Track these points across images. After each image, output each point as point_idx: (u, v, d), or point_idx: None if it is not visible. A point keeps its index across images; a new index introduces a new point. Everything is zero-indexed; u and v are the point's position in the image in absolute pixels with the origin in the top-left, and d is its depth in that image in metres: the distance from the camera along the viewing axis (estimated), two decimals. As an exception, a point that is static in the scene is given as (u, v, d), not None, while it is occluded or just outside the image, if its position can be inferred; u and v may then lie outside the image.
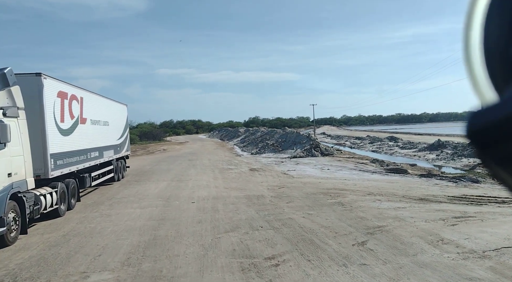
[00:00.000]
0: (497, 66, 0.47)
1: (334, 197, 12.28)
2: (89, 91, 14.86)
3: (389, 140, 53.25)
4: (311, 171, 20.56)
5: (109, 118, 17.60)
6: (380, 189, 13.69)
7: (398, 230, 8.17)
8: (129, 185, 17.52)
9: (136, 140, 75.85)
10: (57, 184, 10.81)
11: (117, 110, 19.56)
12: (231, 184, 16.78)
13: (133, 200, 13.35)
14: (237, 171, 22.16)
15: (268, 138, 42.77)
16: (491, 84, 0.48)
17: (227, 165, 26.35)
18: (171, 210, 11.32)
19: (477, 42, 0.50)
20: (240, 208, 11.31)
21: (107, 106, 17.61)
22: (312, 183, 15.84)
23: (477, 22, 0.50)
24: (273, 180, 17.67)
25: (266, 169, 22.87)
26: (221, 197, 13.21)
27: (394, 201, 11.41)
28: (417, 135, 69.75)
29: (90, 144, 14.17)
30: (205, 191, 14.84)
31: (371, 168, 20.75)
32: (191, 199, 13.13)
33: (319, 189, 13.96)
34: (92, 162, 14.40)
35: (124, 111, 21.35)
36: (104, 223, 10.00)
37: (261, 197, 13.04)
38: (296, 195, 12.97)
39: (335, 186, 14.54)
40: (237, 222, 9.51)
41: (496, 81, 0.47)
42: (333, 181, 16.32)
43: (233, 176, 19.90)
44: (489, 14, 0.48)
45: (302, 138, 35.68)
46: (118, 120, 19.64)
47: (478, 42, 0.50)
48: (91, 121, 14.56)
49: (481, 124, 0.41)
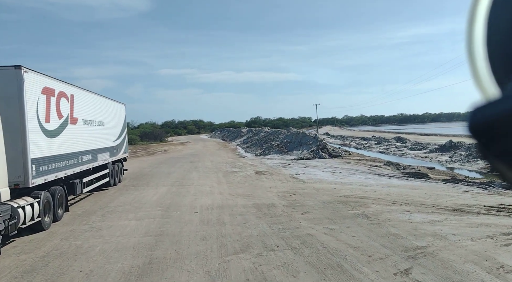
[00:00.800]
0: (499, 61, 0.47)
1: (355, 207, 10.86)
2: (81, 88, 13.49)
3: (396, 140, 51.79)
4: (322, 175, 19.14)
5: (105, 118, 16.23)
6: (404, 196, 12.27)
7: (444, 253, 6.76)
8: (125, 190, 16.14)
9: (137, 140, 74.57)
10: (40, 193, 9.43)
11: (113, 110, 18.18)
12: (236, 189, 15.38)
13: (128, 209, 11.96)
14: (242, 175, 20.78)
15: (272, 138, 41.36)
16: (493, 80, 0.48)
17: (231, 167, 24.96)
18: (170, 223, 9.92)
19: (480, 38, 0.49)
20: (249, 220, 9.91)
21: (103, 105, 16.23)
22: (326, 189, 14.43)
23: (480, 17, 0.49)
24: (282, 185, 16.26)
25: (273, 172, 21.47)
26: (227, 206, 11.81)
27: (426, 213, 9.99)
28: (424, 135, 68.27)
29: (81, 147, 12.80)
30: (208, 198, 13.45)
31: (387, 171, 19.33)
32: (194, 208, 11.74)
33: (336, 197, 12.55)
34: (84, 166, 13.02)
35: (121, 110, 19.98)
36: (92, 239, 8.61)
37: (271, 206, 11.64)
38: (311, 204, 11.57)
39: (353, 193, 13.13)
40: (247, 239, 8.11)
41: (499, 77, 0.47)
42: (349, 186, 14.90)
43: (238, 180, 18.51)
44: (492, 9, 0.48)
45: (308, 139, 34.26)
46: (115, 120, 18.26)
47: (481, 37, 0.49)
48: (83, 121, 13.18)
49: (483, 119, 0.41)
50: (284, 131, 44.07)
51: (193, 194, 14.42)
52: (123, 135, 19.53)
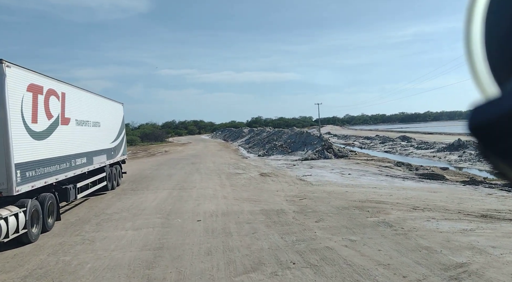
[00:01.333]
0: (498, 60, 0.47)
1: (374, 213, 9.90)
2: (74, 86, 12.54)
3: (401, 139, 50.80)
4: (330, 177, 18.18)
5: (101, 118, 15.28)
6: (424, 201, 11.31)
7: (491, 272, 5.80)
8: (124, 195, 15.19)
9: (137, 141, 73.64)
10: (26, 201, 8.49)
11: (111, 109, 17.24)
12: (242, 193, 14.43)
13: (126, 216, 11.01)
14: (246, 177, 19.83)
15: (275, 138, 40.40)
16: (493, 78, 0.48)
17: (234, 169, 24.01)
18: (171, 233, 8.97)
19: (478, 37, 0.49)
20: (258, 229, 8.96)
21: (99, 104, 15.29)
22: (337, 192, 13.46)
23: (478, 16, 0.49)
24: (289, 188, 15.31)
25: (278, 173, 20.51)
26: (233, 213, 10.86)
27: (453, 220, 9.03)
28: (428, 134, 67.30)
29: (75, 149, 11.85)
30: (212, 203, 12.50)
31: (399, 172, 18.36)
32: (196, 215, 10.79)
33: (350, 201, 11.59)
34: (78, 170, 12.07)
35: (119, 110, 19.03)
36: (83, 254, 7.66)
37: (281, 212, 10.68)
38: (324, 210, 10.60)
39: (368, 197, 12.17)
40: (258, 254, 7.16)
41: (498, 75, 0.47)
42: (362, 189, 13.94)
43: (242, 182, 17.56)
44: (490, 8, 0.48)
45: (313, 139, 33.30)
46: (112, 120, 17.32)
47: (479, 36, 0.49)
48: (76, 121, 12.24)
49: (483, 118, 0.41)
50: (287, 130, 43.11)
51: (195, 199, 13.47)
52: (121, 136, 18.59)
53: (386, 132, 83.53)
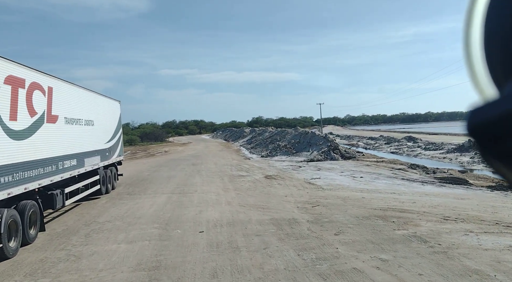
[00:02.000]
0: (497, 62, 0.47)
1: (401, 224, 8.70)
2: (64, 81, 11.36)
3: (407, 140, 49.59)
4: (341, 180, 16.99)
5: (95, 116, 14.10)
6: (454, 209, 10.11)
7: None
8: (119, 199, 14.01)
9: (137, 141, 72.51)
10: (1, 212, 7.31)
11: (106, 107, 16.06)
12: (247, 198, 13.25)
13: (119, 226, 9.82)
14: (250, 179, 18.65)
15: (279, 138, 39.21)
16: (491, 80, 0.48)
17: (236, 170, 22.83)
18: (170, 247, 7.80)
19: (477, 38, 0.49)
20: (270, 243, 7.78)
21: (92, 101, 14.11)
22: (353, 198, 12.28)
23: (478, 18, 0.49)
24: (299, 193, 14.12)
25: (284, 176, 19.33)
26: (239, 222, 9.67)
27: (494, 233, 7.85)
28: (432, 135, 66.11)
29: (63, 150, 10.68)
30: (215, 210, 11.32)
31: (415, 176, 17.16)
32: (198, 224, 9.61)
33: (369, 210, 10.40)
34: (67, 174, 10.89)
35: (116, 108, 17.85)
36: (66, 275, 6.48)
37: (293, 222, 9.50)
38: (342, 220, 9.42)
39: (389, 205, 10.97)
40: (273, 277, 5.98)
41: (497, 77, 0.47)
42: (380, 195, 12.75)
43: (247, 186, 16.38)
44: (490, 9, 0.48)
45: (318, 139, 32.12)
46: (108, 119, 16.14)
47: (478, 38, 0.49)
48: (65, 119, 11.06)
49: (481, 120, 0.41)
50: (291, 130, 41.93)
51: (196, 205, 12.30)
52: (117, 136, 17.41)
53: (389, 132, 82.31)
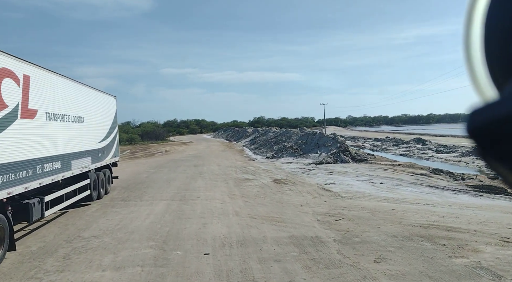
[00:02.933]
0: (497, 63, 0.47)
1: (455, 249, 7.02)
2: (47, 70, 9.70)
3: (415, 142, 47.85)
4: (359, 186, 15.32)
5: (86, 112, 12.46)
6: (510, 227, 8.43)
7: None
8: (111, 207, 12.35)
9: (137, 139, 70.94)
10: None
11: (100, 103, 14.41)
12: (257, 208, 11.59)
13: (107, 244, 8.16)
14: (257, 184, 17.00)
15: (284, 139, 37.53)
16: (491, 82, 0.48)
17: (242, 173, 21.17)
18: (167, 277, 6.14)
19: (477, 40, 0.49)
20: (295, 274, 6.11)
21: (83, 95, 12.46)
22: (382, 210, 10.60)
23: (478, 19, 0.49)
24: (315, 201, 12.47)
25: (295, 180, 17.67)
26: (252, 241, 8.01)
27: None
28: (440, 136, 64.40)
29: (44, 151, 9.03)
30: (222, 223, 9.66)
31: (443, 182, 15.47)
32: (203, 243, 7.95)
33: (407, 226, 8.72)
34: (47, 179, 9.23)
35: (111, 104, 16.20)
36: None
37: (318, 242, 7.83)
38: (377, 240, 7.75)
39: (428, 220, 9.29)
40: None
41: (497, 79, 0.47)
42: (411, 206, 11.08)
43: (255, 192, 14.72)
44: (490, 11, 0.48)
45: (326, 140, 30.44)
46: (102, 115, 14.49)
47: (478, 39, 0.49)
48: (47, 115, 9.40)
49: (481, 122, 0.41)
50: (297, 131, 40.24)
51: (200, 215, 10.64)
52: (112, 135, 15.75)
53: (393, 133, 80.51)
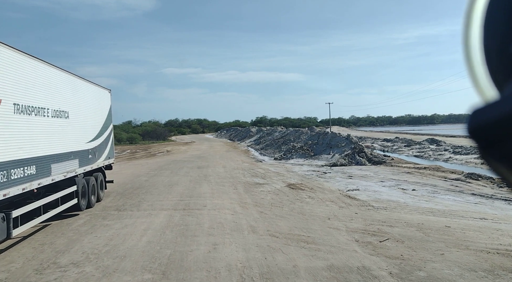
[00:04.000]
0: (497, 63, 0.47)
1: None
2: (16, 50, 7.72)
3: (429, 143, 45.77)
4: (389, 193, 13.33)
5: (71, 106, 10.51)
6: None
7: None
8: (102, 219, 10.40)
9: (138, 139, 69.08)
10: None
11: (90, 96, 12.47)
12: (276, 221, 9.62)
13: (88, 276, 6.18)
14: (270, 189, 15.05)
15: (292, 139, 35.53)
16: (491, 82, 0.48)
17: (250, 176, 19.21)
18: None
19: (477, 40, 0.49)
20: None
21: (68, 86, 10.51)
22: (433, 227, 8.59)
23: (477, 19, 0.49)
24: (343, 212, 10.50)
25: (312, 185, 15.70)
26: (280, 274, 6.03)
27: None
28: (450, 137, 62.31)
29: (10, 153, 7.07)
30: (237, 244, 7.69)
31: (486, 190, 13.42)
32: (215, 277, 5.98)
33: (478, 252, 6.72)
34: (15, 188, 7.25)
35: (104, 99, 14.25)
36: None
37: (368, 276, 5.85)
38: (451, 276, 5.75)
39: (502, 243, 7.27)
40: None
41: (497, 79, 0.47)
42: (466, 222, 9.07)
43: (269, 199, 12.78)
44: (489, 11, 0.48)
45: (339, 140, 28.43)
46: (92, 111, 12.55)
47: (478, 39, 0.49)
48: (16, 107, 7.44)
49: (482, 121, 0.41)
50: (306, 130, 38.23)
51: (208, 231, 8.68)
52: (105, 134, 13.81)
53: (401, 134, 78.39)
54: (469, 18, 0.50)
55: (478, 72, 0.49)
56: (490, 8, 0.48)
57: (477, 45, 0.49)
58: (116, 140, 68.27)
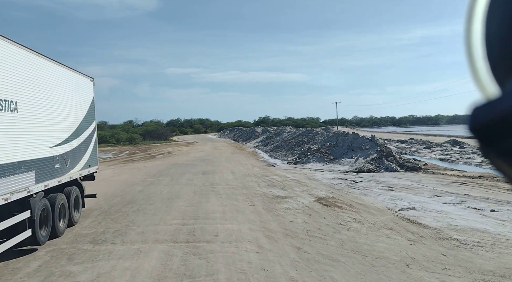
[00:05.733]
0: (498, 60, 0.47)
1: None
2: None
3: (451, 144, 42.33)
4: (460, 216, 9.94)
5: (24, 95, 7.20)
6: None
7: None
8: (67, 261, 7.05)
9: (138, 139, 65.84)
10: None
11: (60, 83, 9.15)
12: (329, 271, 6.30)
13: None
14: (297, 206, 11.74)
15: (306, 140, 32.12)
16: (493, 79, 0.48)
17: (267, 186, 15.89)
18: None
19: (478, 36, 0.49)
20: None
21: (19, 65, 7.17)
22: None
23: (478, 16, 0.49)
24: (420, 252, 7.15)
25: (347, 200, 12.36)
26: None
27: None
28: (467, 138, 58.89)
29: None
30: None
31: None
32: None
33: None
34: None
35: (83, 88, 10.93)
36: None
37: None
38: None
39: None
40: None
41: (498, 75, 0.47)
42: None
43: (301, 223, 9.45)
44: (490, 7, 0.48)
45: (363, 142, 25.04)
46: (63, 103, 9.23)
47: (479, 35, 0.49)
48: None
49: (483, 118, 0.41)
50: (320, 130, 34.82)
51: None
52: (84, 135, 10.49)
53: (410, 134, 74.93)
54: (471, 13, 0.49)
55: (479, 68, 0.48)
56: (491, 4, 0.47)
57: (478, 41, 0.48)
58: (115, 141, 65.22)
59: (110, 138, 64.28)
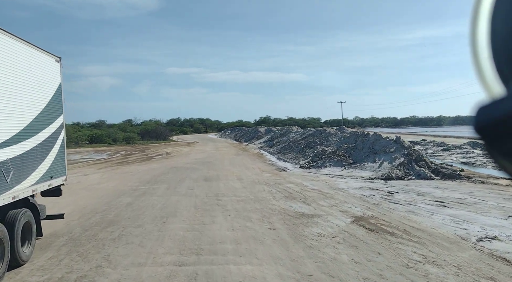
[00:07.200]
0: (504, 60, 0.47)
1: None
2: None
3: (471, 146, 39.34)
4: None
5: None
6: None
7: None
8: None
9: (136, 139, 62.74)
10: None
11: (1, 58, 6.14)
12: None
13: None
14: (332, 231, 8.78)
15: (318, 141, 29.10)
16: (498, 78, 0.48)
17: (284, 198, 12.90)
18: None
19: (484, 37, 0.49)
20: None
21: None
22: None
23: (484, 16, 0.49)
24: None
25: (395, 222, 9.37)
26: None
27: None
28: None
29: None
30: None
31: None
32: None
33: None
34: None
35: (44, 70, 7.92)
36: None
37: None
38: None
39: None
40: None
41: (503, 75, 0.47)
42: None
43: (347, 264, 6.51)
44: (496, 7, 0.47)
45: (386, 144, 22.02)
46: (2, 87, 6.22)
47: (485, 35, 0.49)
48: None
49: (488, 118, 0.40)
50: (334, 131, 31.79)
51: None
52: (44, 133, 7.49)
53: (417, 136, 71.97)
54: (476, 13, 0.49)
55: (484, 68, 0.48)
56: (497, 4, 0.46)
57: (484, 41, 0.48)
58: (112, 140, 62.13)
59: (106, 138, 61.24)
